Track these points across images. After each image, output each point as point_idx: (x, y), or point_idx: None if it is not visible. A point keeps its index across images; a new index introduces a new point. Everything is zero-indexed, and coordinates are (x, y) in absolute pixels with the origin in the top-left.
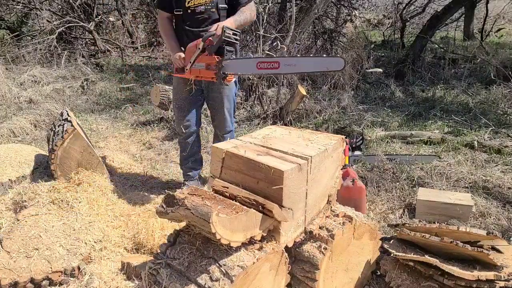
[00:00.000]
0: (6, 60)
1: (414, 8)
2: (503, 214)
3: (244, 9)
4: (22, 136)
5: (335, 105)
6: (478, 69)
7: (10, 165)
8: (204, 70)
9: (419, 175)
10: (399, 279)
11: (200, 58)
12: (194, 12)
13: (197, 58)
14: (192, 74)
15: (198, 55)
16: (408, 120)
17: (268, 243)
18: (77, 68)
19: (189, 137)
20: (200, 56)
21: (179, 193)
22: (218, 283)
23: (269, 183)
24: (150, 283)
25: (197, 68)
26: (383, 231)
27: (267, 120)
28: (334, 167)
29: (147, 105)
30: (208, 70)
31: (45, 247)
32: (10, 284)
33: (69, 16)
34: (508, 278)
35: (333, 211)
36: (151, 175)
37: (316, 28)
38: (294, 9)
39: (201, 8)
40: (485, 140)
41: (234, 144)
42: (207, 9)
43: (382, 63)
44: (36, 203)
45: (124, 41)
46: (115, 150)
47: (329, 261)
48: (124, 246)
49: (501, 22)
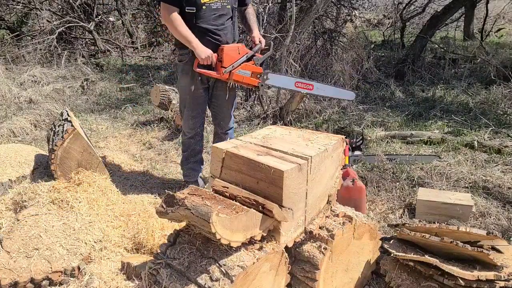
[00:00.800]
0: (6, 60)
1: (414, 8)
2: (503, 214)
3: (251, 10)
4: (22, 136)
5: (335, 105)
6: (478, 69)
7: (10, 165)
8: (249, 77)
9: (419, 175)
10: (399, 279)
11: (246, 66)
12: (210, 8)
13: (241, 64)
14: (232, 78)
15: (243, 62)
16: (408, 120)
17: (268, 243)
18: (77, 68)
19: (194, 136)
20: (245, 64)
21: (179, 193)
22: (218, 283)
23: (269, 183)
24: (150, 283)
25: (241, 74)
26: (383, 231)
27: (267, 120)
28: (334, 167)
29: (147, 105)
30: (253, 78)
31: (45, 247)
32: (10, 284)
33: (69, 16)
34: (508, 278)
35: (333, 211)
36: (151, 175)
37: (316, 28)
38: (294, 9)
39: (217, 5)
40: (485, 140)
41: (234, 144)
42: (223, 5)
43: (382, 63)
44: (36, 203)
45: (124, 41)
46: (115, 150)
47: (329, 261)
48: (124, 246)
49: (501, 22)
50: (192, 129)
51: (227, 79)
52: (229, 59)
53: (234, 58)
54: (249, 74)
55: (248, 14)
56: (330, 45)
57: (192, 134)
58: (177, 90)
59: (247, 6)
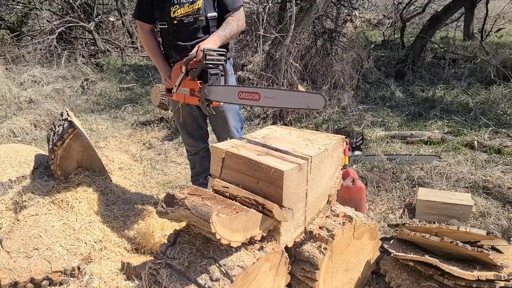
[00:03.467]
0: (6, 60)
1: (414, 8)
2: (503, 214)
3: (231, 20)
4: (22, 136)
5: (335, 105)
6: (478, 69)
7: (10, 165)
8: (188, 96)
9: (419, 175)
10: (399, 279)
11: (184, 83)
12: (182, 23)
13: (182, 82)
14: (178, 98)
15: (182, 79)
16: (408, 120)
17: (268, 243)
18: (77, 68)
19: (198, 153)
20: (184, 80)
21: (179, 193)
22: (218, 283)
23: (269, 183)
24: (150, 283)
25: (182, 92)
26: (383, 231)
27: (267, 120)
28: (334, 167)
29: (147, 105)
30: (193, 96)
31: (45, 247)
32: (10, 284)
33: (69, 16)
34: (508, 278)
35: (333, 211)
36: (151, 175)
37: (316, 28)
38: (294, 9)
39: (189, 19)
40: (485, 140)
41: (234, 144)
42: (195, 18)
43: (382, 63)
44: (36, 203)
45: (124, 41)
46: (115, 150)
47: (329, 261)
48: (124, 246)
49: (501, 22)
50: (192, 146)
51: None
52: (175, 78)
53: (178, 75)
54: (188, 92)
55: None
56: (330, 45)
57: (194, 151)
58: None
59: (230, 14)
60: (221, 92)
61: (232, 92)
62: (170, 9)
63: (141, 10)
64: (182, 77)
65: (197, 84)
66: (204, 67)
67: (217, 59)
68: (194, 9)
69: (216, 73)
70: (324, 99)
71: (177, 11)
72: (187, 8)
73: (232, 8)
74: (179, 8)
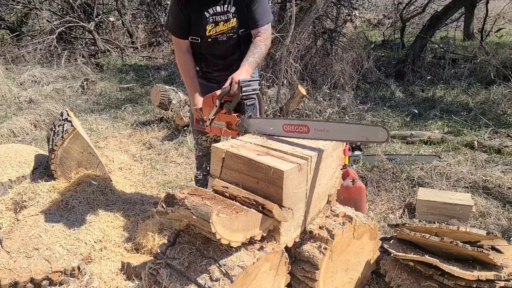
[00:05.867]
0: (6, 60)
1: (414, 8)
2: (503, 214)
3: (259, 41)
4: (22, 136)
5: (335, 105)
6: (478, 69)
7: (10, 165)
8: (226, 130)
9: (419, 175)
10: (399, 279)
11: (219, 116)
12: (216, 40)
13: (216, 115)
14: (214, 132)
15: (216, 112)
16: (408, 120)
17: (268, 243)
18: (77, 68)
19: (208, 155)
20: (219, 113)
21: (179, 193)
22: (218, 283)
23: (269, 183)
24: (150, 283)
25: (217, 126)
26: (383, 231)
27: None
28: (334, 167)
29: (147, 105)
30: (230, 129)
31: (45, 247)
32: (10, 284)
33: (69, 16)
34: (508, 278)
35: (333, 211)
36: (151, 175)
37: (316, 28)
38: (294, 9)
39: (223, 37)
40: (485, 140)
41: (234, 144)
42: (229, 37)
43: (382, 63)
44: (36, 203)
45: (124, 41)
46: (115, 150)
47: (329, 261)
48: (124, 246)
49: (501, 22)
50: (204, 147)
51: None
52: (207, 109)
53: (210, 108)
54: (224, 125)
55: (251, 45)
56: (330, 45)
57: (204, 152)
58: (176, 90)
59: (258, 30)
60: (264, 125)
61: (276, 125)
62: (206, 28)
63: (179, 27)
64: (216, 110)
65: (234, 117)
66: (241, 99)
67: (253, 88)
68: (229, 27)
69: (252, 103)
70: (386, 132)
71: (212, 29)
72: (222, 27)
73: (261, 23)
74: (214, 26)
